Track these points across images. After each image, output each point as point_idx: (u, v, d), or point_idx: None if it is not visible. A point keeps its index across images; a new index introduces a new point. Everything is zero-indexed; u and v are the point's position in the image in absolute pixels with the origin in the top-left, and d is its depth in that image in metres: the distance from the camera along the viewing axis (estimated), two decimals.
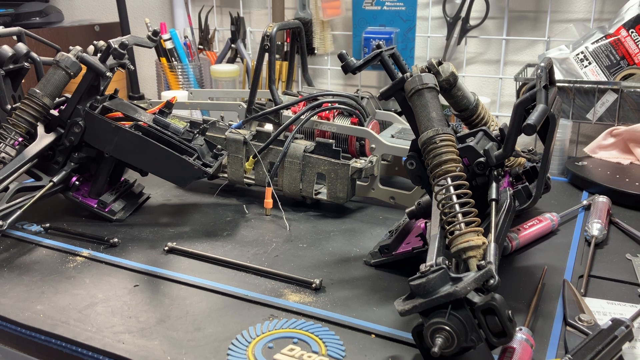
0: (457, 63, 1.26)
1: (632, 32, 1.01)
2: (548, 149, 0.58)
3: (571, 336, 0.53)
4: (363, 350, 0.52)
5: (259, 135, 0.88)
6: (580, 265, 0.67)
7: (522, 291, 0.62)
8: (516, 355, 0.48)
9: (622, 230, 0.77)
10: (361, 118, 0.90)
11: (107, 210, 0.80)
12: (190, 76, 1.35)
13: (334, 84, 1.40)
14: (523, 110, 0.55)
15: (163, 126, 0.77)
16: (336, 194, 0.82)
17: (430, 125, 0.55)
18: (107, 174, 0.81)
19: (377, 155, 0.85)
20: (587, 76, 1.04)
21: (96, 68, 0.76)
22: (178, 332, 0.55)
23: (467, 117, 0.70)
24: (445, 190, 0.53)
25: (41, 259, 0.70)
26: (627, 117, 1.01)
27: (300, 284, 0.64)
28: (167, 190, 0.93)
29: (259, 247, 0.73)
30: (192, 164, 0.75)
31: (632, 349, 0.52)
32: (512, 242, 0.70)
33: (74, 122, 0.77)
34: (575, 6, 1.15)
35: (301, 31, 1.05)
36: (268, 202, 0.83)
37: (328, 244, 0.74)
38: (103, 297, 0.61)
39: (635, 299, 0.61)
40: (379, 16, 1.22)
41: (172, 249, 0.72)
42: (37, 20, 1.51)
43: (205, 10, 1.45)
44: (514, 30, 1.20)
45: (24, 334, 0.57)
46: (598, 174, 0.93)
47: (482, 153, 0.58)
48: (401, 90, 0.59)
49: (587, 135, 1.16)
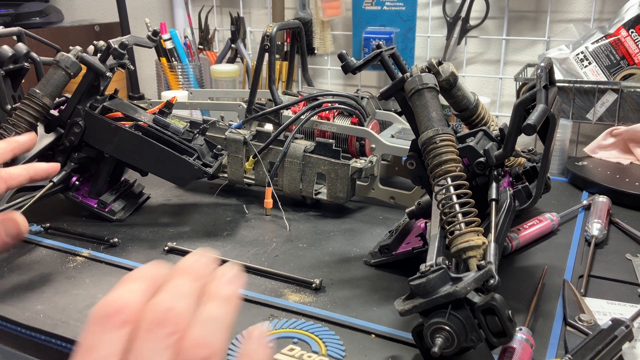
0: (457, 63, 1.26)
1: (632, 32, 1.01)
2: (548, 149, 0.58)
3: (571, 336, 0.53)
4: (363, 350, 0.52)
5: (259, 135, 0.88)
6: (580, 265, 0.67)
7: (522, 291, 0.62)
8: (516, 355, 0.48)
9: (622, 230, 0.77)
10: (361, 118, 0.90)
11: (107, 210, 0.80)
12: (190, 76, 1.35)
13: (334, 84, 1.40)
14: (523, 110, 0.55)
15: (163, 126, 0.77)
16: (336, 194, 0.82)
17: (430, 125, 0.55)
18: (107, 174, 0.81)
19: (377, 155, 0.85)
20: (587, 76, 1.04)
21: (96, 68, 0.76)
22: None
23: (467, 117, 0.70)
24: (445, 190, 0.53)
25: (41, 259, 0.70)
26: (627, 117, 1.01)
27: (300, 284, 0.64)
28: (167, 190, 0.93)
29: (259, 247, 0.73)
30: (192, 163, 0.75)
31: (632, 349, 0.52)
32: (512, 242, 0.70)
33: (74, 122, 0.77)
34: (575, 6, 1.15)
35: (301, 31, 1.05)
36: (268, 202, 0.83)
37: (328, 244, 0.74)
38: (103, 297, 0.61)
39: (635, 299, 0.61)
40: (379, 16, 1.22)
41: (172, 249, 0.72)
42: (37, 20, 1.51)
43: (205, 10, 1.45)
44: (514, 30, 1.20)
45: (24, 334, 0.57)
46: (598, 174, 0.93)
47: (482, 153, 0.58)
48: (401, 90, 0.59)
49: (587, 135, 1.16)
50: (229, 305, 0.34)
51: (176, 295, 0.33)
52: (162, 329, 0.31)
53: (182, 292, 0.33)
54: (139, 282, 0.34)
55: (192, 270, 0.35)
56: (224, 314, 0.34)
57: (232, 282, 0.35)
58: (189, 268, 0.35)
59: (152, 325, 0.31)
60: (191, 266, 0.35)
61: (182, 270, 0.35)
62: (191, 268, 0.35)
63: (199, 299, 0.34)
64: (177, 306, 0.32)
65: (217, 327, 0.33)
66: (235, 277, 0.36)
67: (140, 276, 0.34)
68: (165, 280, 0.34)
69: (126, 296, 0.33)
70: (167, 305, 0.32)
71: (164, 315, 0.32)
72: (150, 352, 0.30)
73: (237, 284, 0.35)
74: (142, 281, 0.34)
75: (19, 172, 0.62)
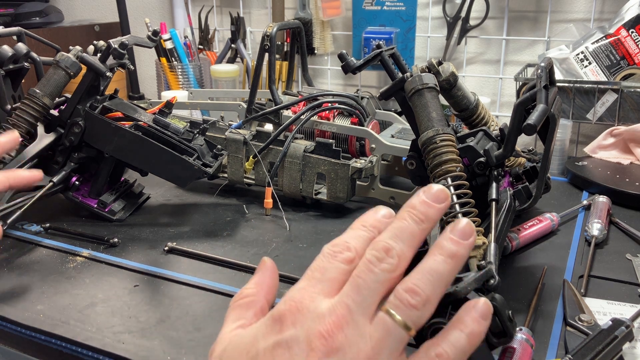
0: (457, 63, 1.26)
1: (632, 32, 1.01)
2: (548, 149, 0.58)
3: (571, 336, 0.53)
4: None
5: (259, 135, 0.88)
6: (580, 265, 0.67)
7: (522, 291, 0.62)
8: (516, 355, 0.48)
9: (622, 230, 0.77)
10: (361, 118, 0.90)
11: (107, 210, 0.80)
12: (190, 76, 1.35)
13: (334, 84, 1.40)
14: (523, 110, 0.55)
15: (163, 126, 0.77)
16: (336, 194, 0.82)
17: (431, 125, 0.55)
18: (107, 174, 0.81)
19: (377, 155, 0.85)
20: (587, 76, 1.04)
21: (96, 68, 0.76)
22: (178, 332, 0.55)
23: (467, 117, 0.70)
24: None
25: (41, 259, 0.70)
26: (627, 117, 1.01)
27: None
28: (167, 190, 0.93)
29: (259, 247, 0.73)
30: (192, 163, 0.75)
31: (632, 349, 0.51)
32: (512, 242, 0.70)
33: (74, 122, 0.77)
34: (575, 6, 1.15)
35: (301, 31, 1.05)
36: (268, 202, 0.83)
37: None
38: (103, 297, 0.61)
39: (635, 299, 0.61)
40: (379, 16, 1.22)
41: (172, 249, 0.72)
42: (37, 20, 1.51)
43: (205, 10, 1.45)
44: (514, 30, 1.20)
45: (24, 334, 0.57)
46: (598, 174, 0.93)
47: (482, 153, 0.58)
48: (401, 90, 0.59)
49: (587, 135, 1.16)
50: (452, 263, 0.36)
51: (396, 236, 0.36)
52: (379, 264, 0.35)
53: (402, 234, 0.36)
54: (365, 230, 0.37)
55: (417, 213, 0.37)
56: (445, 270, 0.35)
57: (461, 237, 0.36)
58: (414, 209, 0.37)
59: (371, 260, 0.35)
60: (416, 208, 0.37)
61: (407, 212, 0.37)
62: (416, 210, 0.37)
63: (419, 243, 0.37)
64: (396, 247, 0.35)
65: (434, 279, 0.35)
66: (465, 233, 0.36)
67: (366, 223, 0.38)
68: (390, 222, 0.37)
69: (352, 240, 0.37)
70: (386, 245, 0.35)
71: (382, 252, 0.35)
72: (365, 281, 0.34)
73: (466, 241, 0.36)
74: (367, 229, 0.37)
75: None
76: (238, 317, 0.37)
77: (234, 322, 0.37)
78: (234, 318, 0.37)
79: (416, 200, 0.37)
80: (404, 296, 0.34)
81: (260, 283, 0.40)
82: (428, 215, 0.37)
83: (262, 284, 0.40)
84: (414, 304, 0.34)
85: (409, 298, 0.34)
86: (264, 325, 0.35)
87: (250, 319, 0.37)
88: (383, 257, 0.35)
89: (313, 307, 0.34)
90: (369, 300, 0.34)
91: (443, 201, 0.37)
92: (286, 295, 0.35)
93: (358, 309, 0.33)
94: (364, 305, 0.34)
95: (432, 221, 0.37)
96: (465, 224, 0.37)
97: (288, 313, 0.34)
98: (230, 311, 0.38)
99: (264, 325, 0.35)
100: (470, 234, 0.36)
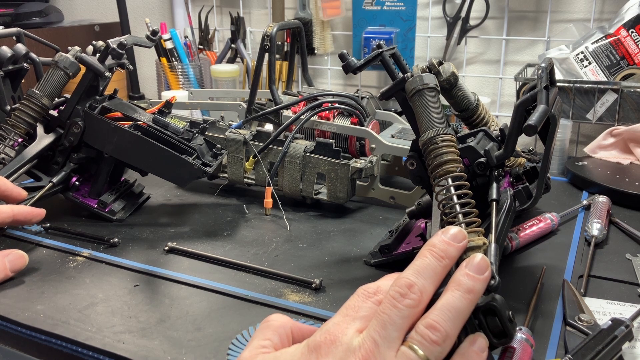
0: (457, 63, 1.26)
1: (632, 32, 1.01)
2: (548, 150, 0.58)
3: (571, 336, 0.53)
4: None
5: (259, 135, 0.88)
6: (580, 265, 0.67)
7: (522, 291, 0.62)
8: (516, 355, 0.48)
9: (622, 230, 0.77)
10: (361, 118, 0.90)
11: (107, 210, 0.80)
12: (190, 76, 1.35)
13: (334, 84, 1.40)
14: (524, 111, 0.55)
15: (162, 126, 0.77)
16: (336, 194, 0.82)
17: (431, 125, 0.55)
18: (107, 174, 0.81)
19: (377, 155, 0.85)
20: (587, 76, 1.04)
21: (95, 68, 0.76)
22: (178, 332, 0.55)
23: (468, 117, 0.70)
24: (446, 190, 0.53)
25: (41, 259, 0.70)
26: (627, 117, 1.01)
27: (300, 284, 0.64)
28: (167, 190, 0.93)
29: (259, 247, 0.73)
30: (192, 163, 0.75)
31: (632, 348, 0.52)
32: (512, 242, 0.70)
33: (74, 122, 0.77)
34: (575, 6, 1.15)
35: (301, 31, 1.05)
36: (268, 202, 0.83)
37: (328, 244, 0.74)
38: (103, 297, 0.61)
39: (635, 299, 0.61)
40: (379, 16, 1.22)
41: (172, 249, 0.71)
42: (37, 20, 1.51)
43: (205, 10, 1.45)
44: (514, 30, 1.20)
45: (24, 334, 0.57)
46: (598, 174, 0.93)
47: (482, 153, 0.58)
48: (402, 91, 0.59)
49: (587, 135, 1.16)
50: (470, 297, 0.39)
51: (419, 273, 0.39)
52: (402, 300, 0.38)
53: (425, 271, 0.39)
54: (390, 279, 0.41)
55: (438, 251, 0.41)
56: (463, 305, 0.38)
57: (477, 272, 0.40)
58: (434, 247, 0.41)
59: (394, 296, 0.38)
60: (437, 246, 0.41)
61: (428, 250, 0.41)
62: (437, 248, 0.41)
63: (440, 279, 0.40)
64: (418, 283, 0.39)
65: (453, 316, 0.38)
66: (480, 268, 0.40)
67: (396, 277, 0.40)
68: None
69: (383, 284, 0.41)
70: (409, 281, 0.39)
71: (405, 288, 0.38)
72: (390, 317, 0.37)
73: (482, 276, 0.40)
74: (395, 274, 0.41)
75: (4, 210, 0.66)
76: (266, 336, 0.41)
77: (261, 341, 0.41)
78: (262, 337, 0.41)
79: (436, 239, 0.41)
80: (425, 332, 0.37)
81: (288, 319, 0.44)
82: (448, 252, 0.40)
83: (289, 320, 0.44)
84: (435, 340, 0.37)
85: (430, 334, 0.37)
86: (300, 352, 0.39)
87: (276, 342, 0.41)
88: (406, 292, 0.38)
89: (346, 340, 0.38)
90: (393, 334, 0.37)
91: (461, 240, 0.41)
92: (322, 328, 0.39)
93: (384, 342, 0.37)
94: (389, 339, 0.37)
95: (452, 258, 0.41)
96: (480, 259, 0.40)
97: (323, 344, 0.38)
98: (259, 331, 0.42)
99: (300, 352, 0.39)
100: (485, 269, 0.40)
